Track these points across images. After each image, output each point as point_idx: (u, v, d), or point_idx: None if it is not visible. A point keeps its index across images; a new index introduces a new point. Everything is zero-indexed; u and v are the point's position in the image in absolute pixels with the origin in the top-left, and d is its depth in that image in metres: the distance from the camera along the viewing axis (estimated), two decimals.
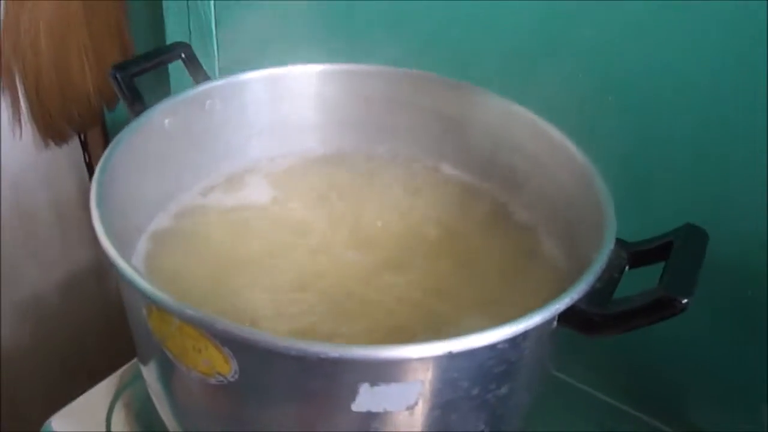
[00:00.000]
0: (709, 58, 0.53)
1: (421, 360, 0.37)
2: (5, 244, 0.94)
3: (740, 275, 0.56)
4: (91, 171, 1.01)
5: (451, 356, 0.37)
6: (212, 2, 0.78)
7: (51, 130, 0.94)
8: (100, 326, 1.11)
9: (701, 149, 0.56)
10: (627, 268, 0.46)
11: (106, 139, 1.01)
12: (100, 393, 0.65)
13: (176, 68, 0.62)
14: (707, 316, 0.56)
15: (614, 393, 0.68)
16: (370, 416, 0.39)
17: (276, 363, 0.38)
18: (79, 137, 0.98)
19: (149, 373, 0.49)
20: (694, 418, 0.65)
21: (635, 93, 0.57)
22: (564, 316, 0.41)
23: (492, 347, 0.39)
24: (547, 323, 0.40)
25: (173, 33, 0.83)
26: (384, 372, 0.37)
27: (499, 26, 0.61)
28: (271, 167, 0.62)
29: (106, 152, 0.49)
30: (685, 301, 0.39)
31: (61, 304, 1.05)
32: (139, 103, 0.56)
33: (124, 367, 0.68)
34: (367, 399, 0.38)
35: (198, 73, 0.59)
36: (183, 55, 0.59)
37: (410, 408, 0.39)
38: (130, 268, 0.40)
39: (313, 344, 0.35)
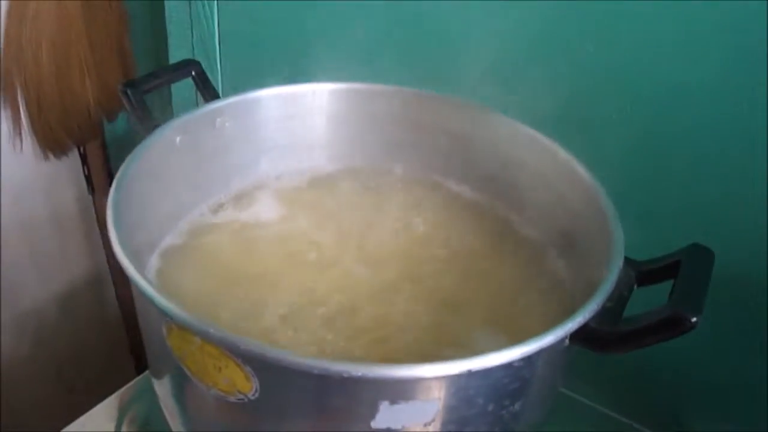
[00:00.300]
0: (714, 71, 0.54)
1: (441, 378, 0.38)
2: (5, 256, 0.94)
3: (741, 288, 0.58)
4: (90, 183, 1.01)
5: (469, 375, 0.38)
6: (216, 18, 0.79)
7: (51, 142, 0.94)
8: (99, 337, 1.11)
9: (703, 167, 0.57)
10: (635, 286, 0.47)
11: (106, 151, 1.01)
12: (108, 408, 0.65)
13: (179, 83, 0.63)
14: (707, 328, 0.57)
15: (613, 404, 0.68)
16: None
17: (297, 381, 0.38)
18: (79, 150, 0.99)
19: (163, 389, 0.49)
20: (691, 427, 0.66)
21: (639, 108, 0.58)
22: (576, 335, 0.42)
23: (508, 365, 0.39)
24: (560, 341, 0.41)
25: (176, 48, 0.84)
26: (404, 390, 0.38)
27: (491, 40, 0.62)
28: (280, 184, 0.63)
29: (121, 170, 0.50)
30: (694, 319, 0.40)
31: (60, 315, 1.05)
32: (149, 120, 0.56)
33: (131, 382, 0.68)
34: (386, 416, 0.39)
35: (208, 90, 0.60)
36: (193, 73, 0.60)
37: (428, 424, 0.40)
38: (151, 286, 0.40)
39: (336, 363, 0.36)
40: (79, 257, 1.05)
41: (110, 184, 1.01)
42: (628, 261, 0.47)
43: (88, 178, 1.01)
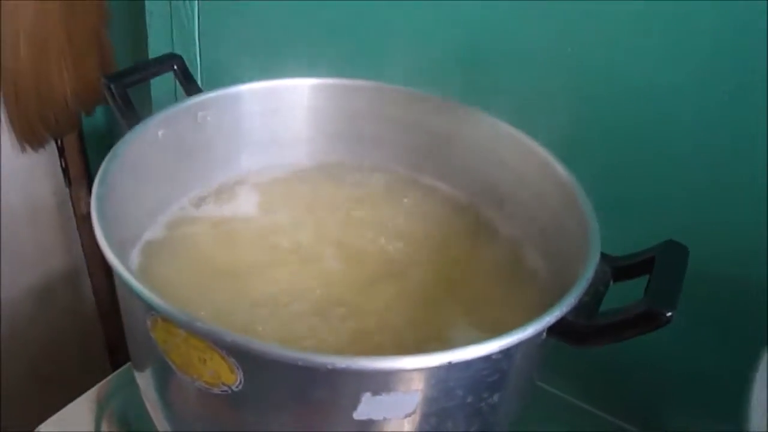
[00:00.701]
0: (695, 68, 0.55)
1: (422, 370, 0.39)
2: None
3: (716, 283, 0.59)
4: (67, 176, 1.00)
5: (449, 367, 0.39)
6: (196, 13, 0.79)
7: (28, 134, 0.93)
8: (74, 331, 1.10)
9: (677, 164, 0.59)
10: (611, 281, 0.48)
11: (83, 144, 1.00)
12: (85, 403, 0.65)
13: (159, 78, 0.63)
14: (683, 322, 0.58)
15: (587, 397, 0.70)
16: (369, 424, 0.41)
17: (282, 373, 0.39)
18: (56, 142, 0.98)
19: (145, 381, 0.50)
20: (668, 422, 0.67)
21: (614, 105, 0.59)
22: (553, 328, 0.43)
23: (487, 358, 0.40)
24: (537, 335, 0.42)
25: (156, 43, 0.83)
26: (386, 382, 0.39)
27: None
28: (261, 178, 0.63)
29: (104, 164, 0.50)
30: (669, 314, 0.41)
31: (35, 308, 1.04)
32: (131, 114, 0.56)
33: (108, 377, 0.68)
34: (368, 408, 0.39)
35: (190, 84, 0.60)
36: (175, 67, 0.60)
37: (408, 416, 0.41)
38: (136, 279, 0.41)
39: (320, 356, 0.37)
40: (54, 250, 1.04)
41: (88, 177, 1.01)
42: (604, 257, 0.48)
43: (65, 171, 1.00)
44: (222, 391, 0.41)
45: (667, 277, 0.45)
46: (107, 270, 1.09)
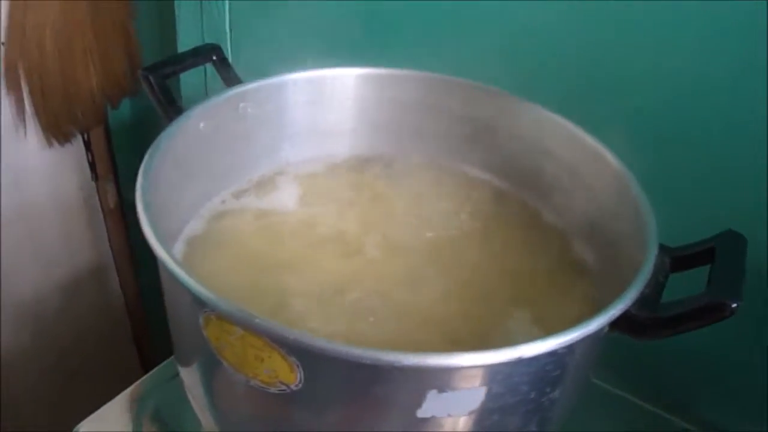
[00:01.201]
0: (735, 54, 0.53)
1: (490, 366, 0.37)
2: (6, 244, 0.92)
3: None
4: (94, 170, 0.99)
5: (517, 362, 0.37)
6: (227, 3, 0.77)
7: (54, 129, 0.92)
8: (102, 328, 1.09)
9: (715, 155, 0.57)
10: (670, 272, 0.46)
11: (109, 138, 0.99)
12: (125, 399, 0.63)
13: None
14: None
15: (633, 389, 0.68)
16: (432, 421, 0.39)
17: (345, 371, 0.37)
18: (83, 137, 0.96)
19: (192, 378, 0.48)
20: (711, 416, 0.66)
21: (661, 93, 0.57)
22: (616, 322, 0.41)
23: (553, 352, 0.38)
24: (601, 328, 0.40)
25: (186, 35, 0.81)
26: (453, 379, 0.37)
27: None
28: (302, 170, 0.61)
29: (147, 156, 0.48)
30: (734, 305, 0.40)
31: (63, 304, 1.03)
32: (171, 106, 0.54)
33: (143, 378, 0.66)
34: (433, 405, 0.38)
35: (229, 75, 0.58)
36: (214, 57, 0.58)
37: (472, 412, 0.39)
38: (189, 274, 0.39)
39: (387, 353, 0.35)
40: (81, 245, 1.03)
41: (114, 171, 0.99)
42: (662, 247, 0.46)
43: (92, 165, 0.98)
44: (279, 390, 0.39)
45: (730, 268, 0.44)
46: (134, 265, 1.07)
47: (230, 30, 0.79)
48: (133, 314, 1.11)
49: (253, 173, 0.59)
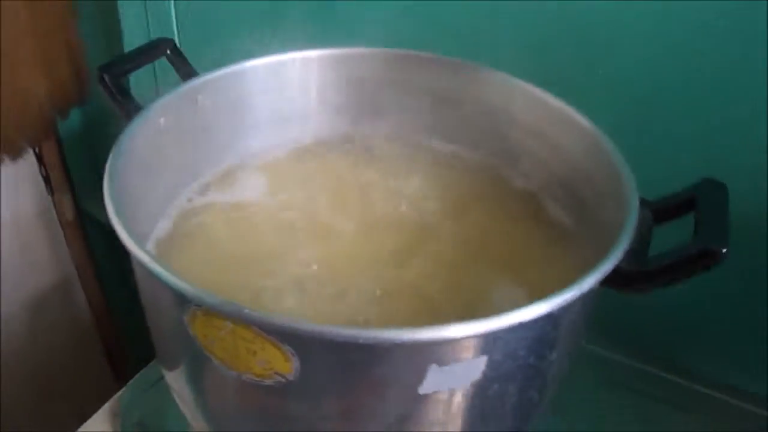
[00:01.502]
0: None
1: (490, 334, 0.36)
2: None
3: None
4: (49, 184, 0.95)
5: (517, 327, 0.36)
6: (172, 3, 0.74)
7: (4, 144, 0.87)
8: (71, 344, 1.05)
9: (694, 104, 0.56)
10: (653, 225, 0.46)
11: (62, 150, 0.95)
12: (106, 414, 0.61)
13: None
14: None
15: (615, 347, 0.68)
16: (434, 396, 0.38)
17: (342, 355, 0.35)
18: (34, 150, 0.92)
19: (179, 381, 0.46)
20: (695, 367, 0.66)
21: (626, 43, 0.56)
22: (609, 278, 0.40)
23: (550, 314, 0.37)
24: (594, 286, 0.39)
25: (131, 35, 0.78)
26: (454, 350, 0.36)
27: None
28: (266, 159, 0.59)
29: (110, 160, 0.45)
30: (724, 250, 0.39)
31: (30, 323, 0.98)
32: (130, 104, 0.52)
33: (127, 385, 0.63)
34: (435, 380, 0.36)
35: (185, 68, 0.55)
36: (168, 51, 0.55)
37: (474, 384, 0.38)
38: (171, 272, 0.37)
39: (385, 331, 0.33)
40: (43, 261, 0.99)
41: (69, 183, 0.95)
42: (642, 201, 0.45)
43: (46, 179, 0.94)
44: (276, 382, 0.37)
45: (714, 215, 0.43)
46: (99, 277, 1.04)
47: (177, 29, 0.76)
48: (103, 327, 1.07)
49: (217, 166, 0.57)
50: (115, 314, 1.09)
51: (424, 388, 0.37)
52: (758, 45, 0.52)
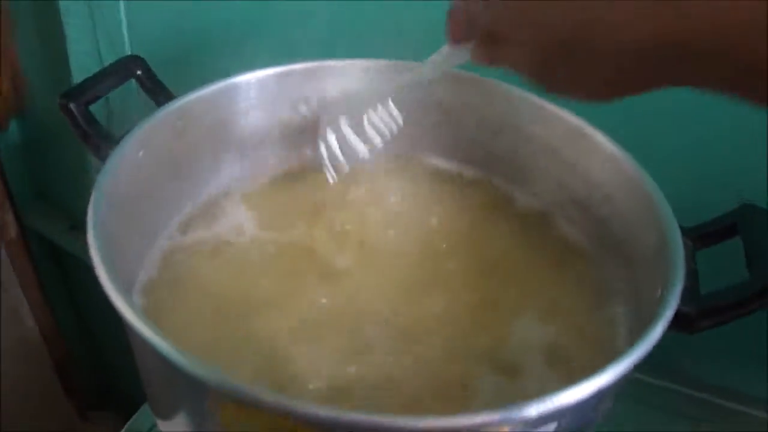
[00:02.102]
0: None
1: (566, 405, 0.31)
2: None
3: None
4: None
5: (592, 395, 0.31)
6: (122, 14, 0.65)
7: None
8: (22, 372, 0.95)
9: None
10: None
11: (1, 164, 0.84)
12: None
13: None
14: None
15: None
16: None
17: None
18: None
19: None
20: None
21: None
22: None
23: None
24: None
25: (76, 42, 0.69)
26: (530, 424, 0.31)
27: None
28: (250, 187, 0.52)
29: (91, 206, 0.38)
30: None
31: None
32: (98, 136, 0.44)
33: None
34: None
35: (158, 90, 0.47)
36: (138, 72, 0.47)
37: None
38: (200, 363, 0.30)
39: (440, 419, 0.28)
40: None
41: (10, 199, 0.85)
42: (681, 230, 0.41)
43: None
44: None
45: (763, 246, 0.39)
46: (47, 297, 0.94)
47: (128, 32, 0.68)
48: (55, 352, 0.97)
49: (198, 198, 0.49)
50: (68, 337, 0.99)
51: None
52: None
